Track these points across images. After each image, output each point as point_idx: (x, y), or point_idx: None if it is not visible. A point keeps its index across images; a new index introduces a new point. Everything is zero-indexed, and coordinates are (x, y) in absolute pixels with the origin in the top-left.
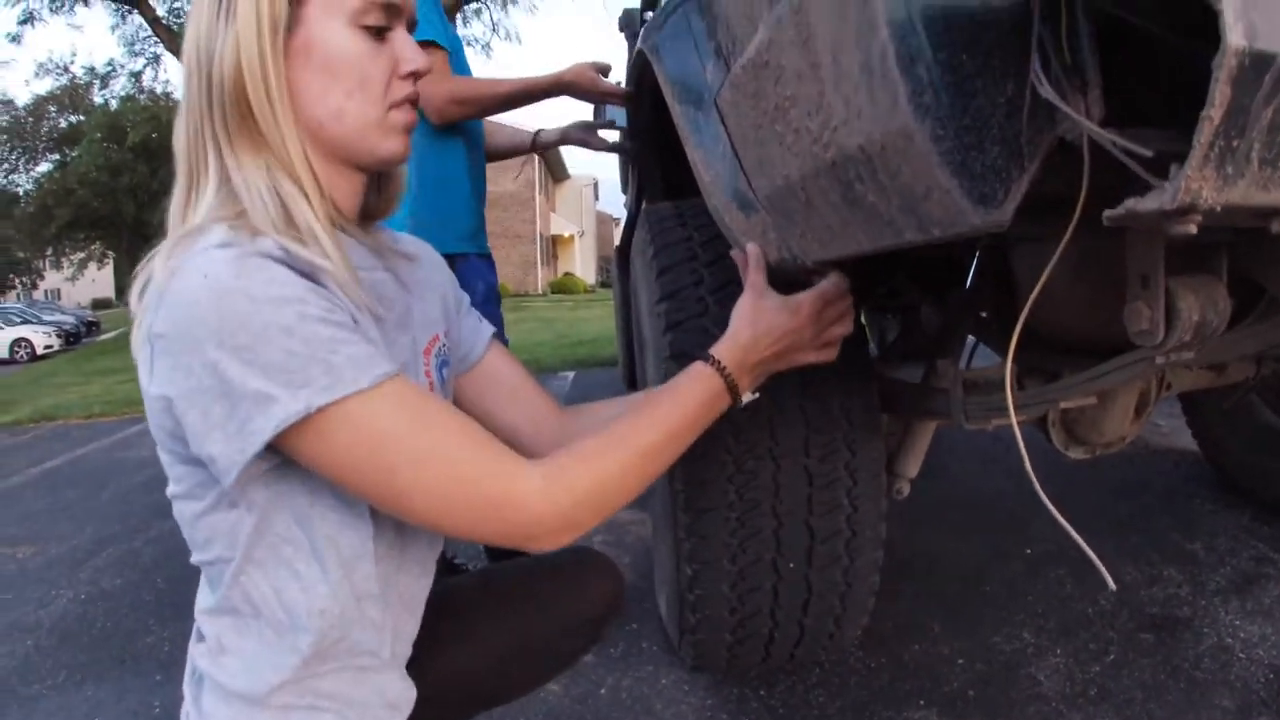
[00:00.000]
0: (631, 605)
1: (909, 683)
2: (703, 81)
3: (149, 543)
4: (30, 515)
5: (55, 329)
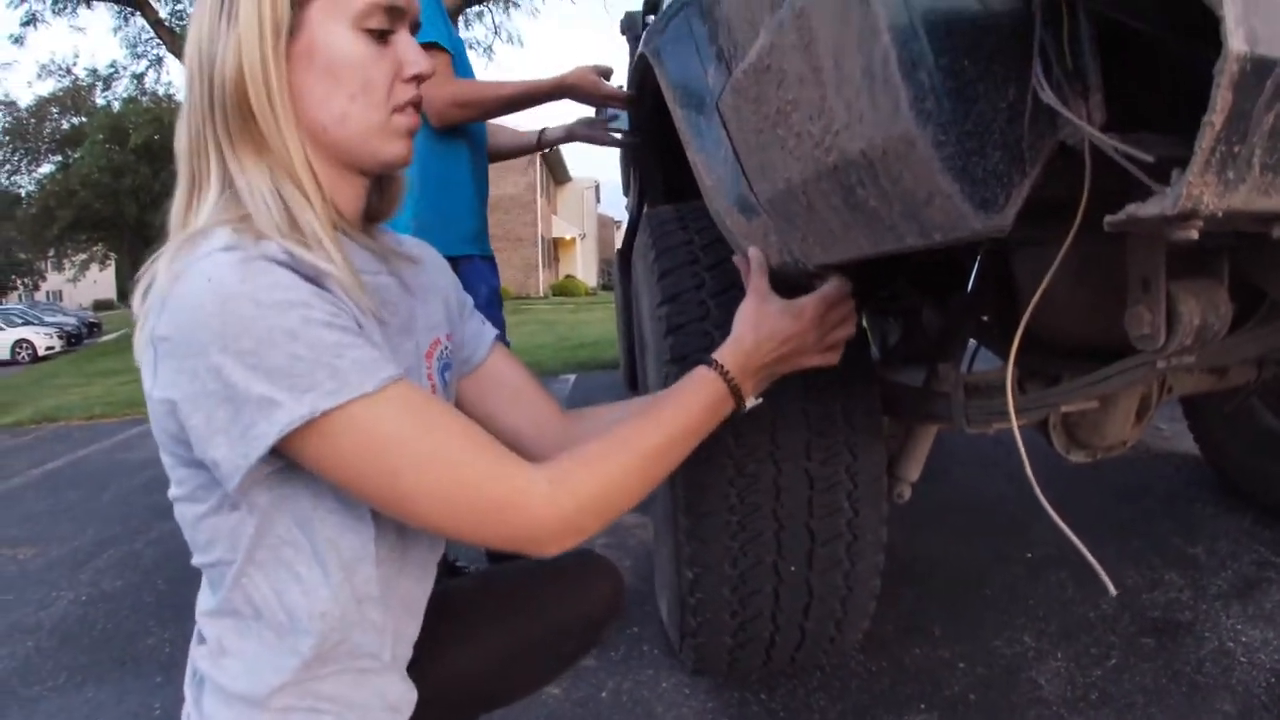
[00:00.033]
0: (633, 608)
1: (910, 686)
2: (704, 85)
3: (150, 544)
4: (31, 516)
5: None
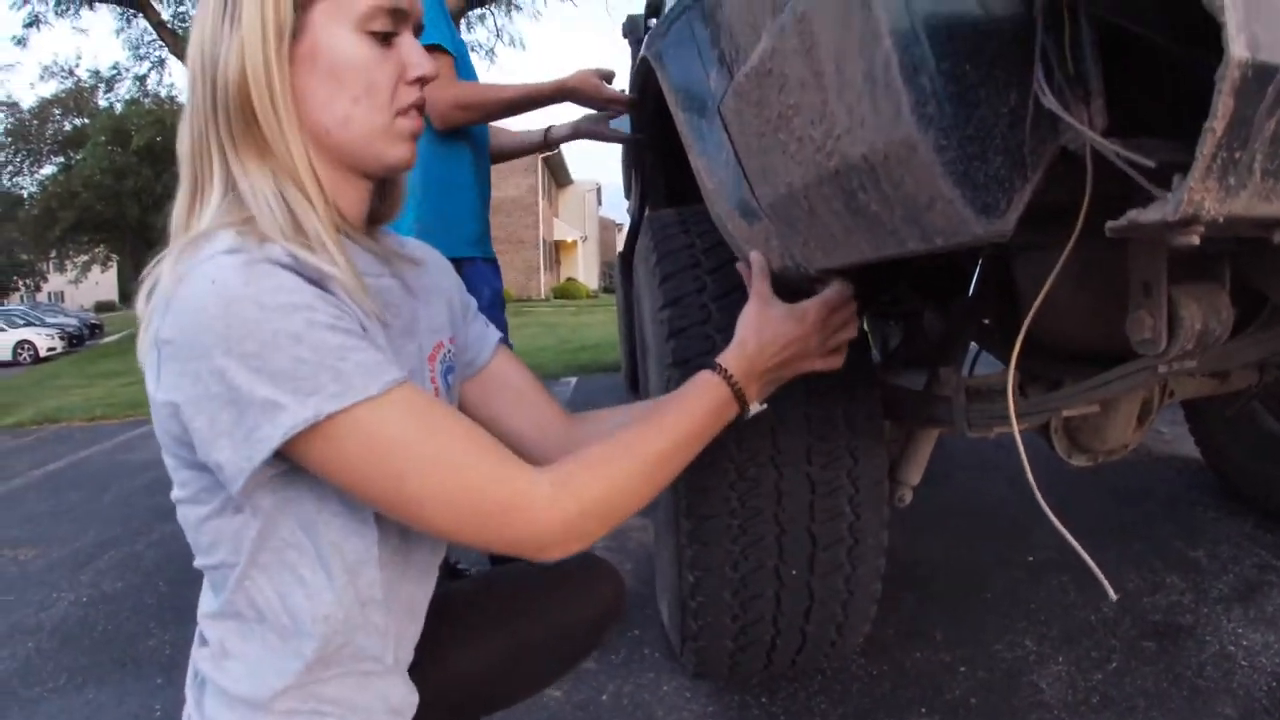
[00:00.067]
0: (634, 611)
1: (911, 690)
2: (706, 89)
3: (151, 546)
4: (32, 517)
5: (58, 331)
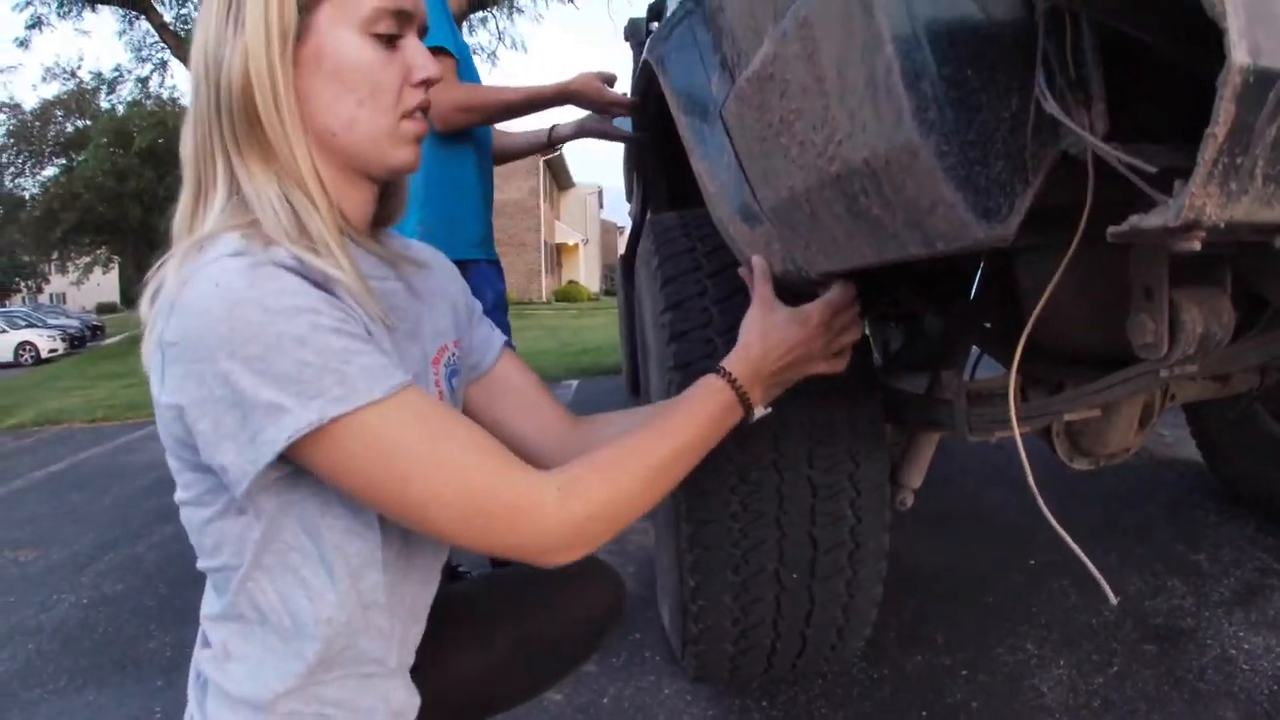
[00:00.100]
0: (634, 615)
1: (911, 694)
2: (708, 93)
3: (151, 548)
4: (33, 519)
5: (60, 333)
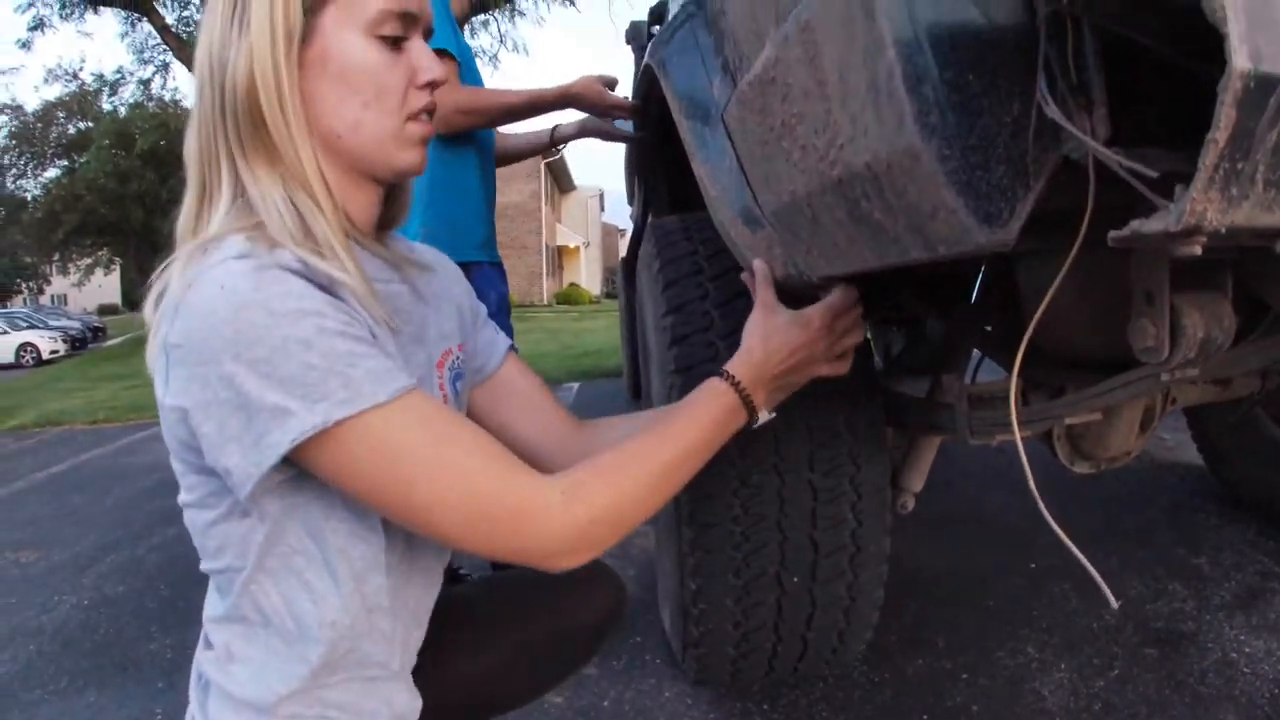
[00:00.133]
0: (635, 617)
1: (912, 697)
2: (709, 97)
3: (153, 550)
4: (34, 520)
5: (61, 334)
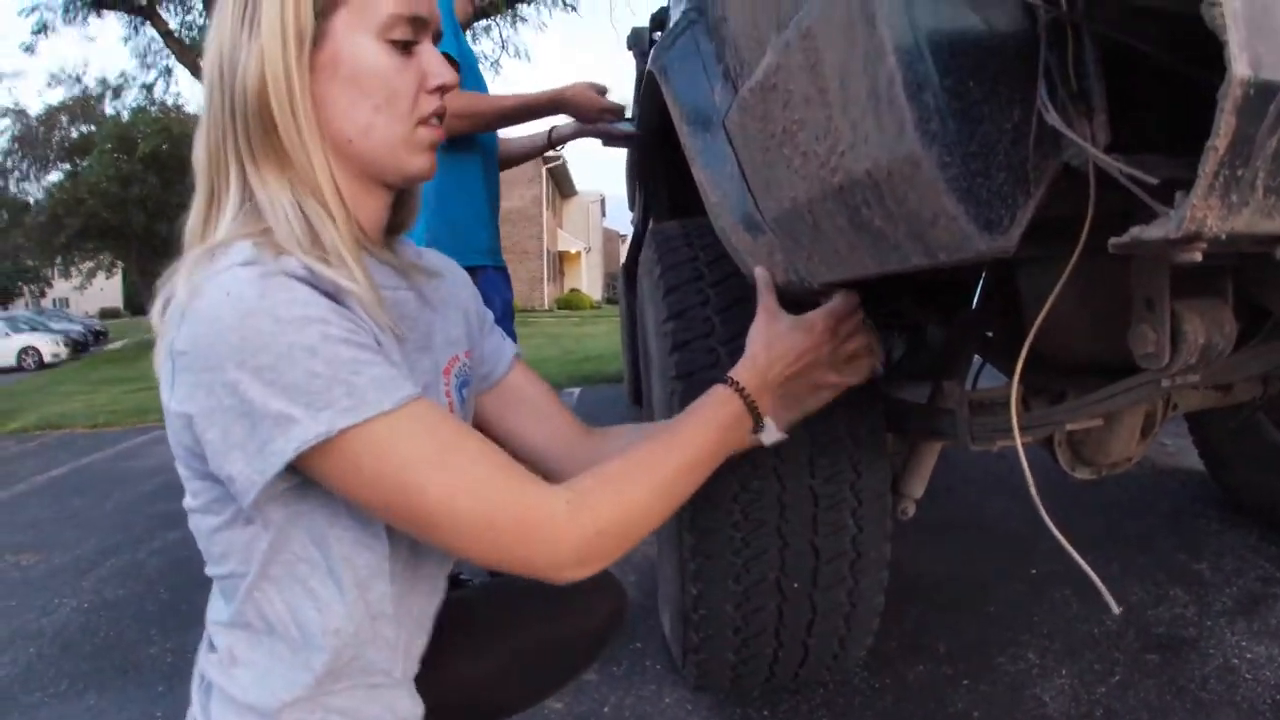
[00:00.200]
0: (636, 623)
1: (913, 703)
2: (711, 103)
3: (153, 553)
4: (35, 523)
5: (63, 337)
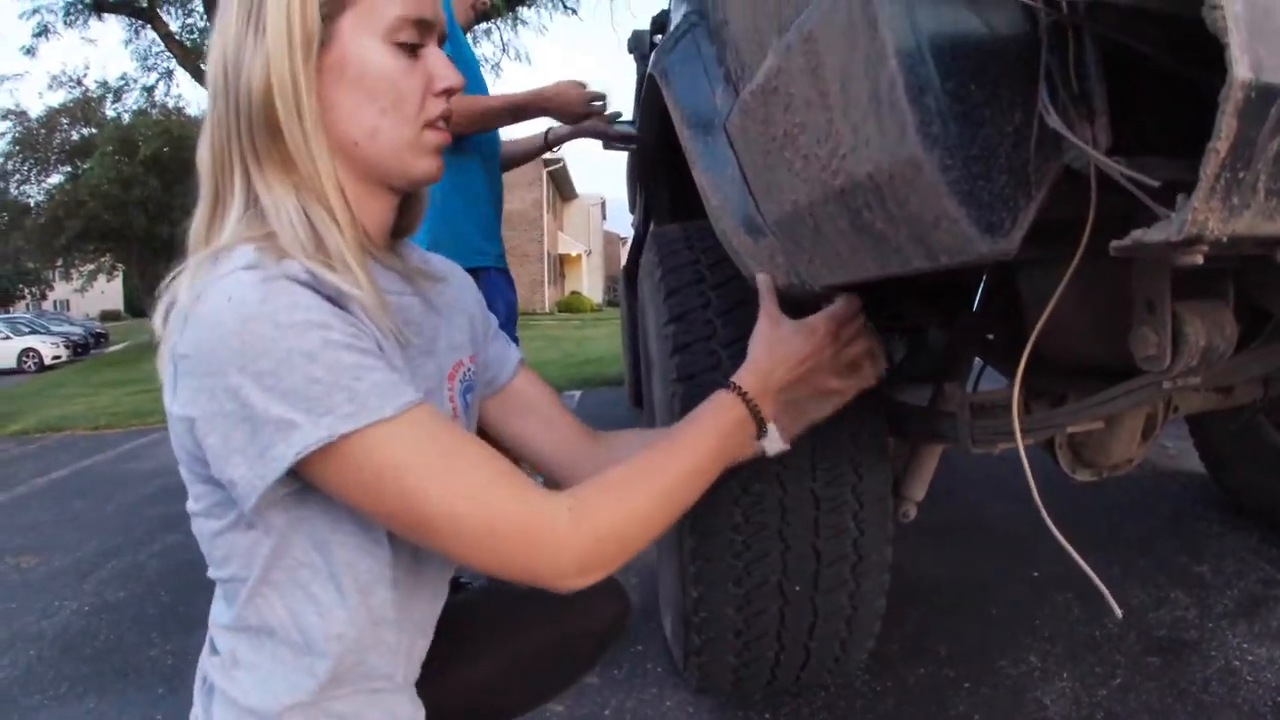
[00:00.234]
0: (637, 626)
1: (914, 706)
2: (712, 106)
3: (154, 556)
4: (36, 525)
5: (63, 340)
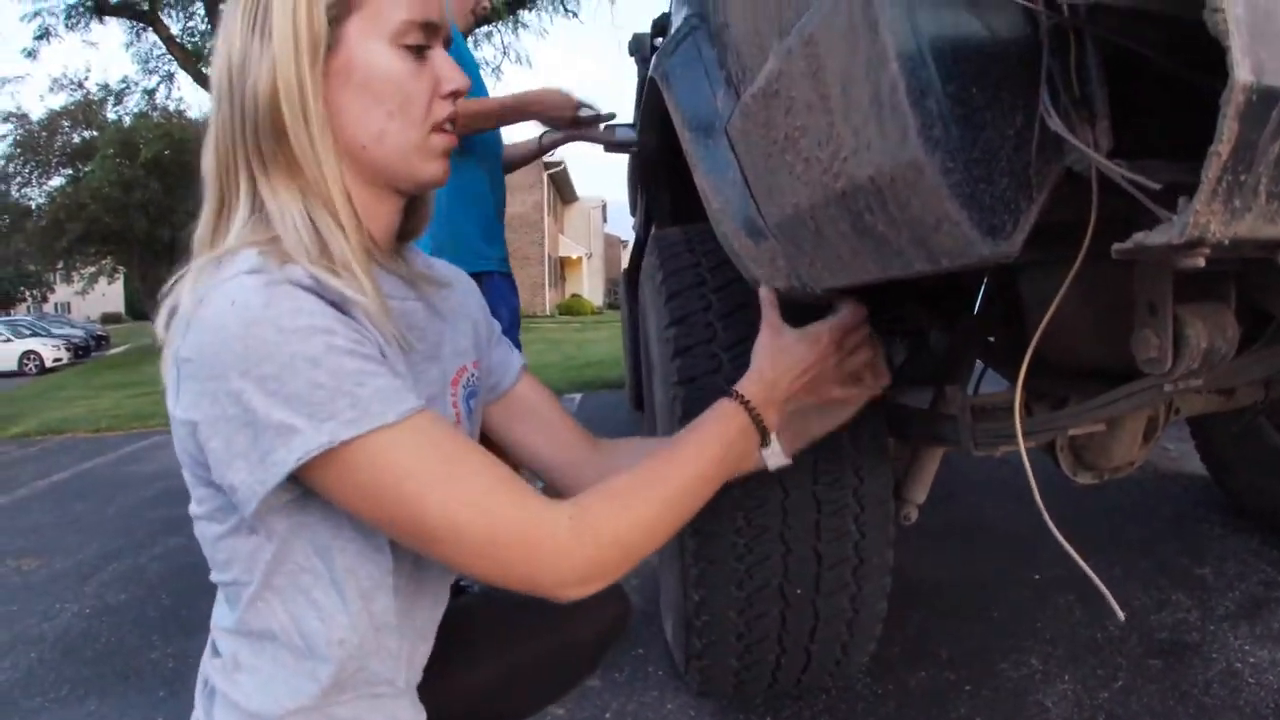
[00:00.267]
0: (638, 629)
1: (915, 709)
2: (713, 109)
3: (155, 559)
4: (37, 528)
5: (64, 342)
